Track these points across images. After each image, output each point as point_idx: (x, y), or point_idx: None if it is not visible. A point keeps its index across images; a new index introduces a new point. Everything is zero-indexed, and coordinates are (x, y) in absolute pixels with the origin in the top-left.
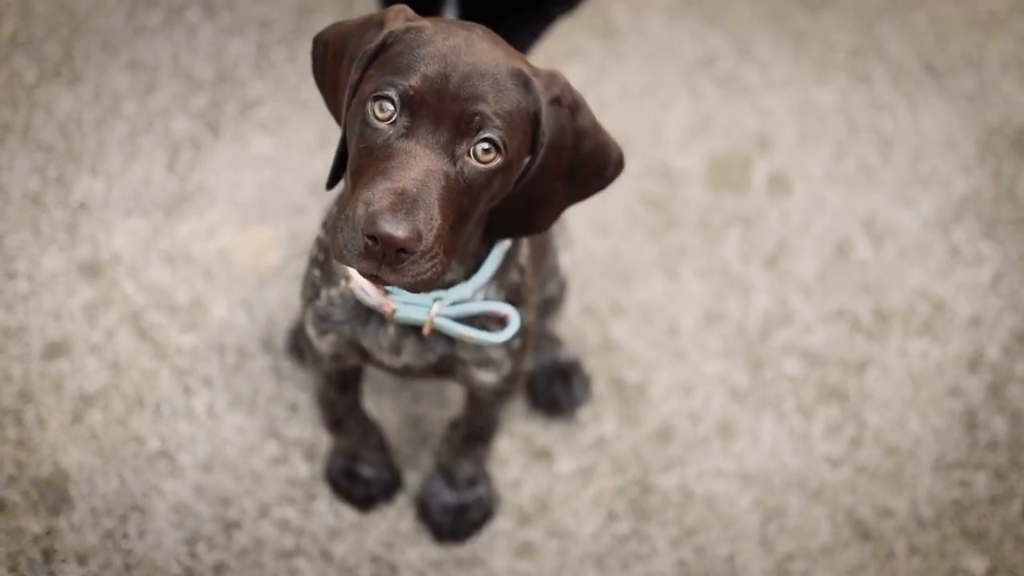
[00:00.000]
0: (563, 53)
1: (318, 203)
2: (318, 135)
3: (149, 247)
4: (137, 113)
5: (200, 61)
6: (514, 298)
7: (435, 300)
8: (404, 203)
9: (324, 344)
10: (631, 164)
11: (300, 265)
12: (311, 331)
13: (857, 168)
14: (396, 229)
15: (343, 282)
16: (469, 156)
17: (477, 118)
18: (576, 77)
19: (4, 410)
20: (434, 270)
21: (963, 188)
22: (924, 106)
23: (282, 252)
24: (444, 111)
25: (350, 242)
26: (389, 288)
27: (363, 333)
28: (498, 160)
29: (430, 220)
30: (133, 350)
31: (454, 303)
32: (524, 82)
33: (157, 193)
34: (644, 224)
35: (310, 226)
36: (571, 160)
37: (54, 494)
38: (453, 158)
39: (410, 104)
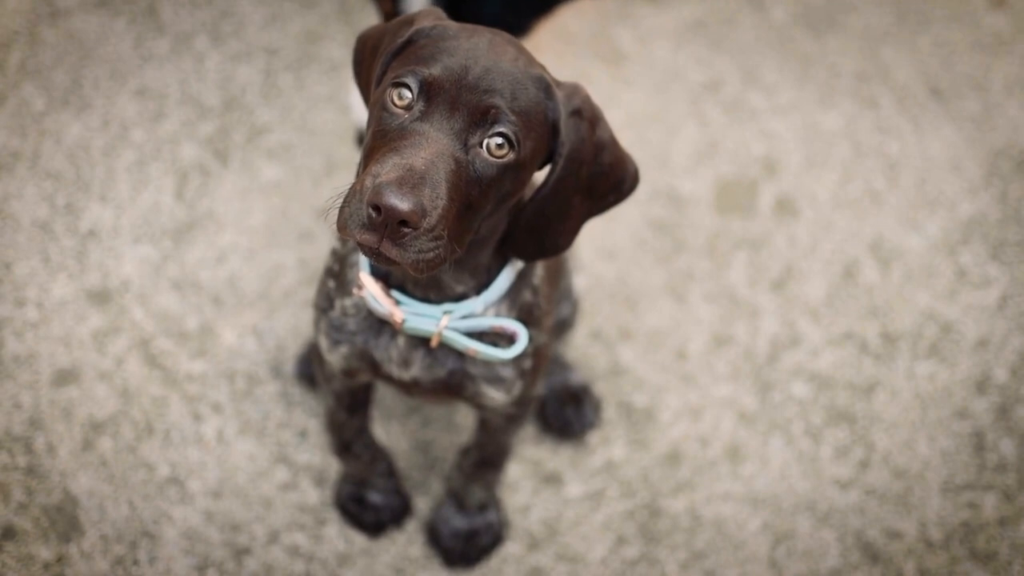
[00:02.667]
0: (570, 79)
1: (326, 229)
2: (325, 162)
3: (158, 274)
4: (145, 140)
5: (208, 88)
6: (526, 318)
7: (444, 313)
8: (411, 178)
9: (336, 356)
10: (639, 189)
11: (309, 292)
12: (323, 342)
13: (863, 191)
14: (400, 200)
15: (355, 291)
16: (481, 148)
17: (493, 111)
18: None
19: (14, 437)
20: (437, 252)
21: (969, 210)
22: (930, 129)
23: (291, 278)
24: (461, 100)
25: (355, 213)
26: (400, 299)
27: (375, 345)
28: (511, 156)
29: (436, 199)
30: (142, 377)
31: (464, 317)
32: (544, 88)
33: (166, 220)
34: (652, 248)
35: (318, 252)
36: (590, 174)
37: (64, 521)
38: (465, 146)
39: (428, 90)
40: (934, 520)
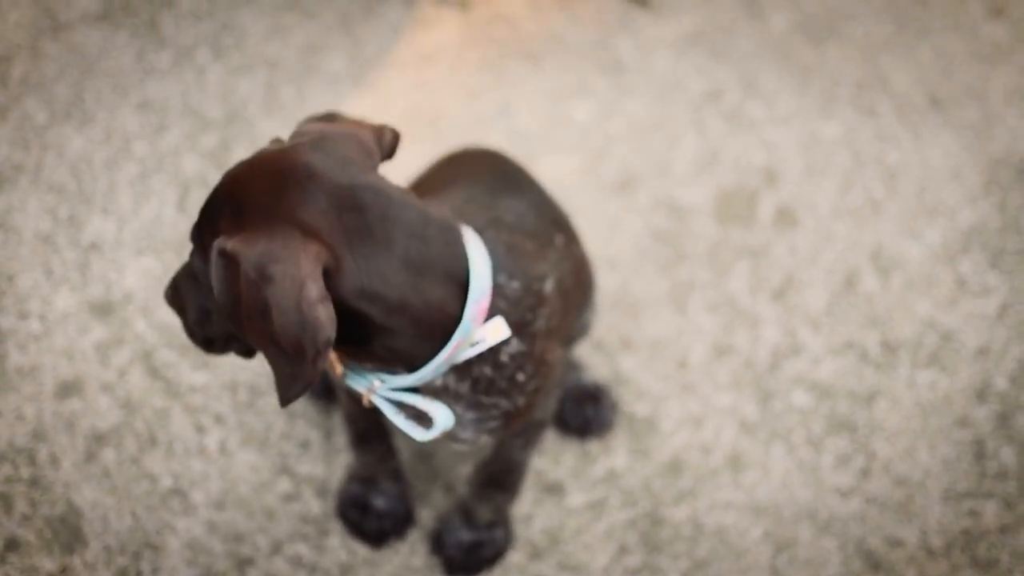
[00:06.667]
0: (570, 90)
1: None
2: None
3: (161, 286)
4: (147, 153)
5: (209, 101)
6: (487, 390)
7: (377, 380)
8: None
9: None
10: (640, 199)
11: None
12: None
13: (863, 200)
14: None
15: None
16: None
17: None
18: (583, 113)
19: (18, 449)
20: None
21: (969, 219)
22: (929, 138)
23: None
24: None
25: None
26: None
27: None
28: None
29: None
30: (145, 389)
31: (393, 388)
32: None
33: (168, 232)
34: (653, 258)
35: None
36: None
37: (68, 532)
38: None
39: None
40: (935, 528)
